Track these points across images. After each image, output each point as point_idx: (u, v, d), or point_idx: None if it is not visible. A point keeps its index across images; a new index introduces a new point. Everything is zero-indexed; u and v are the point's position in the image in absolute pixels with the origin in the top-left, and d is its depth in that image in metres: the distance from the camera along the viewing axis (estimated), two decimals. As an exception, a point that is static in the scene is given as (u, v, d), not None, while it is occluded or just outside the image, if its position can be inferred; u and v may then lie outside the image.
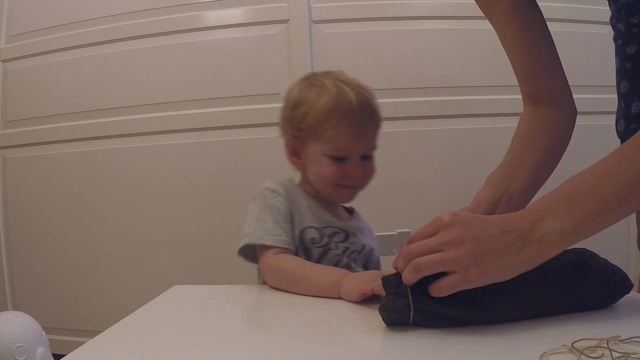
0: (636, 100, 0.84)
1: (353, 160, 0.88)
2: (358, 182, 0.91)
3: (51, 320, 1.83)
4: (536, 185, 0.78)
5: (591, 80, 1.64)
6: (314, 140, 0.89)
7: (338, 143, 0.87)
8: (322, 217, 0.90)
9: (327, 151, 0.88)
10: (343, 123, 0.86)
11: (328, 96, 0.88)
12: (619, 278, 0.59)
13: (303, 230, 0.87)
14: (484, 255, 0.51)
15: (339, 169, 0.88)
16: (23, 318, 1.40)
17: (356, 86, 0.90)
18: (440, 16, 1.73)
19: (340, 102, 0.87)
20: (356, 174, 0.89)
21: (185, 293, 0.83)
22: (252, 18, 1.76)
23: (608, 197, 0.53)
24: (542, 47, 0.81)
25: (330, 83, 0.90)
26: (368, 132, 0.90)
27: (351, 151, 0.88)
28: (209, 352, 0.52)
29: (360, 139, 0.88)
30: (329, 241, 0.88)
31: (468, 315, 0.54)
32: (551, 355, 0.44)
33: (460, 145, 1.69)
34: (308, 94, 0.90)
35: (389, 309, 0.55)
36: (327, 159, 0.88)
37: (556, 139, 0.82)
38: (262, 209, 0.87)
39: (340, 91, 0.88)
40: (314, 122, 0.88)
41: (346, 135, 0.87)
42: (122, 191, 1.83)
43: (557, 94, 0.82)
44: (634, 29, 0.82)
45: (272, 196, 0.88)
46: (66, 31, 1.87)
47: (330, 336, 0.57)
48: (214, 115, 1.76)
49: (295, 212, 0.88)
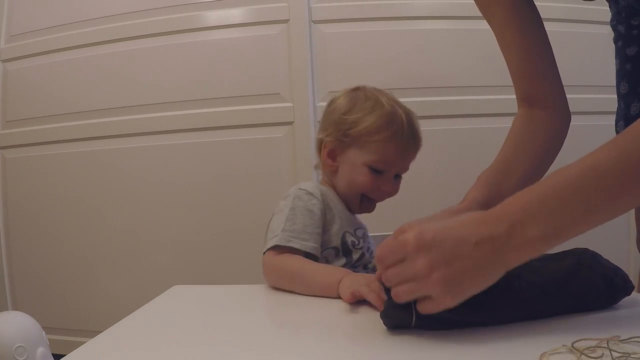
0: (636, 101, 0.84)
1: (388, 176, 0.93)
2: (384, 197, 0.96)
3: (51, 320, 1.83)
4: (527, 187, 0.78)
5: (591, 80, 1.64)
6: (359, 148, 0.93)
7: (383, 156, 0.92)
8: (352, 220, 0.95)
9: (370, 162, 0.92)
10: (393, 139, 0.91)
11: (382, 111, 0.92)
12: (620, 280, 0.59)
13: (344, 233, 0.90)
14: (456, 278, 0.49)
15: (374, 181, 0.92)
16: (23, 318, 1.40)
17: (406, 109, 0.96)
18: (440, 16, 1.73)
19: (393, 119, 0.92)
20: (388, 189, 0.94)
21: (185, 293, 0.83)
22: (252, 18, 1.76)
23: (596, 199, 0.48)
24: (539, 50, 0.82)
25: (384, 100, 0.94)
26: (410, 154, 0.95)
27: (391, 167, 0.93)
28: (209, 352, 0.52)
29: (402, 158, 0.94)
30: (363, 244, 0.92)
31: (470, 319, 0.54)
32: (551, 355, 0.44)
33: (460, 145, 1.69)
34: (363, 105, 0.94)
35: (391, 315, 0.55)
36: (366, 169, 0.92)
37: (549, 143, 0.82)
38: (294, 208, 0.87)
39: (394, 109, 0.93)
40: (365, 132, 0.92)
41: (393, 151, 0.92)
42: (122, 191, 1.83)
43: (552, 98, 0.83)
44: (634, 30, 0.83)
45: (307, 198, 0.89)
46: (66, 31, 1.87)
47: (331, 336, 0.57)
48: (214, 115, 1.76)
49: (334, 216, 0.91)
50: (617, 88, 0.89)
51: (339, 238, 0.89)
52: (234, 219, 1.74)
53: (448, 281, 0.49)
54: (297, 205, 0.87)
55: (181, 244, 1.79)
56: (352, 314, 0.65)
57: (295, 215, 0.85)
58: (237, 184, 1.75)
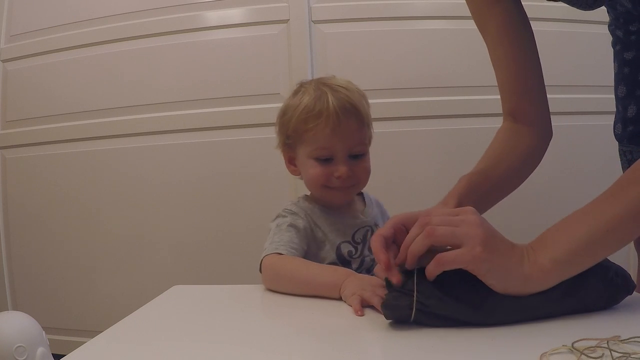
0: (632, 103, 0.86)
1: (338, 160, 0.89)
2: (346, 183, 0.90)
3: (51, 320, 1.83)
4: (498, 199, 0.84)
5: (591, 80, 1.64)
6: (300, 144, 0.91)
7: (318, 142, 0.88)
8: (348, 223, 0.92)
9: (311, 153, 0.90)
10: (320, 122, 0.87)
11: (307, 99, 0.90)
12: (621, 280, 0.58)
13: (339, 246, 0.89)
14: (493, 247, 0.54)
15: (325, 170, 0.89)
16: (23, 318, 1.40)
17: (339, 86, 0.91)
18: (440, 16, 1.72)
19: (317, 102, 0.89)
20: (342, 173, 0.88)
21: (185, 293, 0.83)
22: (252, 18, 1.76)
23: (596, 229, 0.55)
24: (529, 68, 0.84)
25: (313, 87, 0.92)
26: (349, 130, 0.89)
27: (333, 150, 0.89)
28: (209, 352, 0.52)
29: (339, 137, 0.88)
30: (363, 248, 0.91)
31: (470, 318, 0.54)
32: (551, 355, 0.44)
33: (460, 145, 1.69)
34: (292, 101, 0.93)
35: (391, 307, 0.55)
36: (312, 161, 0.90)
37: (529, 157, 0.85)
38: (281, 224, 0.88)
39: (319, 93, 0.90)
40: (296, 126, 0.90)
41: (324, 133, 0.88)
42: (122, 191, 1.83)
43: (536, 115, 0.85)
44: (632, 36, 0.84)
45: (292, 217, 0.90)
46: (66, 31, 1.86)
47: (331, 336, 0.57)
48: (214, 115, 1.76)
49: (325, 232, 0.90)
50: (615, 91, 0.90)
51: (333, 252, 0.89)
52: (234, 219, 1.74)
53: (488, 241, 0.54)
54: (282, 223, 0.89)
55: (181, 244, 1.79)
56: (352, 313, 0.65)
57: (280, 231, 0.87)
58: (237, 184, 1.75)
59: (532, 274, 0.54)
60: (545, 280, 0.55)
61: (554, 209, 1.62)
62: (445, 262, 0.54)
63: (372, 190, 1.02)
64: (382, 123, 1.70)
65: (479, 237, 0.53)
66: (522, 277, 0.54)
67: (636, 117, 0.86)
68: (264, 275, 0.82)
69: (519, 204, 1.21)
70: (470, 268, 0.53)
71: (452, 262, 0.54)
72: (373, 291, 0.64)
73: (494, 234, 0.56)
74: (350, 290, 0.68)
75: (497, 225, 0.59)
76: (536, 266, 0.54)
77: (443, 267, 0.54)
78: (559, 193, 1.65)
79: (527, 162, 0.85)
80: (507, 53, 0.83)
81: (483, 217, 0.57)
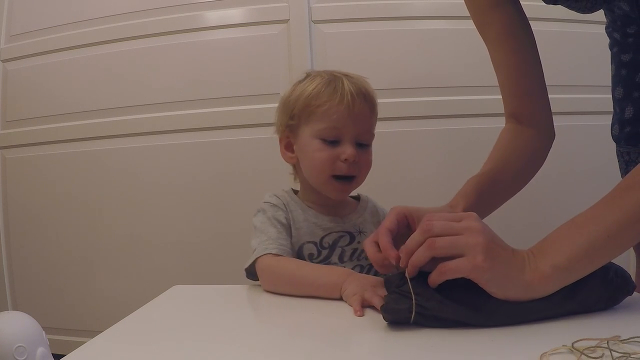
0: (629, 105, 0.86)
1: (346, 144, 0.84)
2: (353, 170, 0.85)
3: (51, 320, 1.83)
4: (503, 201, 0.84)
5: (589, 80, 1.64)
6: (306, 123, 0.86)
7: (330, 120, 0.83)
8: (322, 225, 0.89)
9: (319, 132, 0.85)
10: (335, 98, 0.83)
11: (320, 78, 0.87)
12: (621, 280, 0.58)
13: (302, 245, 0.87)
14: (494, 255, 0.54)
15: (331, 154, 0.84)
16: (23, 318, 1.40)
17: (352, 74, 0.89)
18: (440, 16, 1.72)
19: (332, 80, 0.86)
20: (350, 156, 0.83)
21: (185, 293, 0.83)
22: (252, 18, 1.76)
23: (596, 235, 0.56)
24: (530, 70, 0.84)
25: (324, 73, 0.90)
26: (362, 114, 0.85)
27: (343, 132, 0.84)
28: (209, 352, 0.52)
29: (352, 119, 0.83)
30: (328, 254, 0.87)
31: (470, 320, 0.54)
32: (551, 355, 0.44)
33: (460, 145, 1.69)
34: (301, 83, 0.91)
35: (391, 310, 0.55)
36: (317, 143, 0.85)
37: (533, 159, 0.86)
38: (264, 221, 0.87)
39: (333, 77, 0.87)
40: (307, 102, 0.86)
41: (338, 110, 0.83)
42: (122, 191, 1.83)
43: (539, 116, 0.86)
44: (630, 38, 0.85)
45: (273, 210, 0.88)
46: (66, 31, 1.86)
47: (331, 336, 0.57)
48: (214, 115, 1.76)
49: (293, 227, 0.87)
50: (612, 93, 0.91)
51: (294, 251, 0.86)
52: (234, 219, 1.74)
53: (490, 249, 0.54)
54: (266, 218, 0.87)
55: (181, 244, 1.79)
56: (351, 313, 0.65)
57: (266, 227, 0.86)
58: (237, 184, 1.75)
59: (533, 280, 0.54)
60: (546, 286, 0.55)
61: (552, 208, 1.63)
62: (447, 271, 0.54)
63: (372, 190, 1.00)
64: (382, 123, 1.68)
65: (480, 246, 0.53)
66: (523, 284, 0.54)
67: (633, 119, 0.86)
68: (261, 278, 0.81)
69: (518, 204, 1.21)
70: (472, 277, 0.53)
71: (453, 272, 0.54)
72: (374, 291, 0.64)
73: (495, 242, 0.55)
74: (351, 290, 0.68)
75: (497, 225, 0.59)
76: (537, 273, 0.54)
77: (445, 276, 0.54)
78: (557, 193, 1.65)
79: (531, 163, 0.85)
80: (508, 56, 0.83)
81: (485, 224, 0.57)
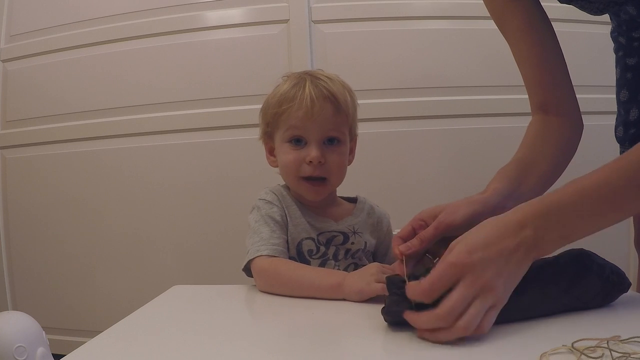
0: (634, 107, 0.87)
1: (311, 145, 0.87)
2: (320, 171, 0.87)
3: (51, 320, 1.83)
4: (544, 189, 0.80)
5: (591, 80, 1.64)
6: (277, 129, 0.90)
7: (290, 122, 0.87)
8: (316, 224, 0.89)
9: (284, 135, 0.88)
10: (293, 105, 0.86)
11: (286, 86, 0.90)
12: (617, 277, 0.59)
13: (300, 242, 0.87)
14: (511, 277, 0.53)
15: (297, 156, 0.87)
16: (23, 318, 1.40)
17: (322, 76, 0.90)
18: (440, 16, 1.72)
19: (293, 88, 0.88)
20: (314, 158, 0.85)
21: (185, 293, 0.83)
22: (252, 18, 1.76)
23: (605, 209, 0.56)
24: (554, 60, 0.83)
25: (295, 76, 0.91)
26: (323, 115, 0.86)
27: (306, 132, 0.86)
28: (208, 352, 0.52)
29: (312, 120, 0.86)
30: (326, 250, 0.88)
31: None
32: (551, 355, 0.44)
33: (460, 145, 1.69)
34: (274, 90, 0.93)
35: (392, 312, 0.55)
36: (286, 146, 0.89)
37: (564, 148, 0.83)
38: (258, 220, 0.87)
39: (299, 80, 0.89)
40: (274, 111, 0.89)
41: (296, 115, 0.86)
42: (122, 191, 1.83)
43: (566, 106, 0.84)
44: (635, 42, 0.85)
45: (267, 207, 0.88)
46: (66, 31, 1.86)
47: (330, 336, 0.57)
48: (214, 115, 1.76)
49: (290, 223, 0.87)
50: (617, 96, 0.92)
51: (294, 247, 0.87)
52: (234, 219, 1.74)
53: (507, 281, 0.53)
54: (260, 216, 0.87)
55: (181, 244, 1.79)
56: (351, 313, 0.65)
57: (259, 227, 0.86)
58: (237, 184, 1.75)
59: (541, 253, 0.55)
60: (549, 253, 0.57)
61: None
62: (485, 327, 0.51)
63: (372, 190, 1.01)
64: (382, 123, 1.70)
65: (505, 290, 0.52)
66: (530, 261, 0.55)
67: (638, 121, 0.87)
68: (257, 280, 0.81)
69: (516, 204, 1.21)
70: None
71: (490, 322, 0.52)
72: (377, 279, 0.67)
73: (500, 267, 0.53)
74: (356, 288, 0.69)
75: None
76: (543, 248, 0.55)
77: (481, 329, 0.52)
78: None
79: (562, 152, 0.83)
80: (530, 47, 0.82)
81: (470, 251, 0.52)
